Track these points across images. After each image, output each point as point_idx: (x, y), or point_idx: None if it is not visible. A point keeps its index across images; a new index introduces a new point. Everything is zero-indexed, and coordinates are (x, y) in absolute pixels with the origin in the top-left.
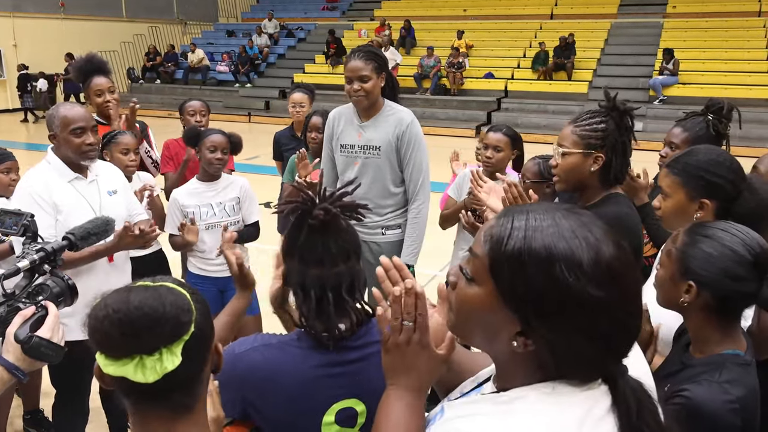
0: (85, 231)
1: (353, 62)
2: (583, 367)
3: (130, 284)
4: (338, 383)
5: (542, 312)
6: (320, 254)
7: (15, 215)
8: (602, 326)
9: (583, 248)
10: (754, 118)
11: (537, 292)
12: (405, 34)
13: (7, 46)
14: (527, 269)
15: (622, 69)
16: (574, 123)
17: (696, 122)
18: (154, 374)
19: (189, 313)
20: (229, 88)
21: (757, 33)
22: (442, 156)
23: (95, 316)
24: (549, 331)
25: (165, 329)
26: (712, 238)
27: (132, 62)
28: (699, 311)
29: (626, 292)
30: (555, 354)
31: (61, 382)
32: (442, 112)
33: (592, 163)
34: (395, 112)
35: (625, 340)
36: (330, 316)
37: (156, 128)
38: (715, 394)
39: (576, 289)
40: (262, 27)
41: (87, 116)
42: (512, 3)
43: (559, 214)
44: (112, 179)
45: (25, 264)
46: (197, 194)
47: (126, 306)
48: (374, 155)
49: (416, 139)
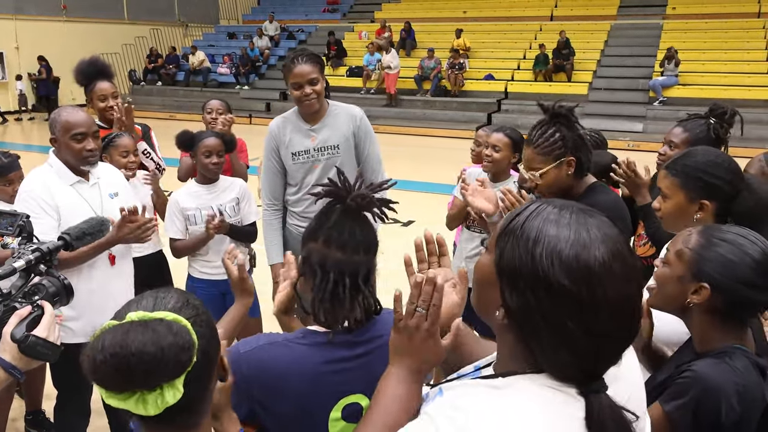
0: (80, 231)
1: (300, 67)
2: (558, 367)
3: (129, 315)
4: (344, 379)
5: (516, 286)
6: (346, 239)
7: (10, 216)
8: (570, 326)
9: (570, 241)
10: (754, 119)
11: (515, 266)
12: (405, 36)
13: (9, 49)
14: (517, 243)
15: (621, 70)
16: (532, 145)
17: (697, 124)
18: (155, 408)
19: (189, 350)
20: (230, 89)
21: (756, 34)
22: (443, 157)
23: (93, 358)
24: (521, 310)
25: (164, 372)
26: (731, 243)
27: (133, 64)
28: (704, 313)
29: (600, 300)
30: (531, 341)
31: (63, 383)
32: (442, 114)
33: (567, 168)
34: (343, 109)
35: (595, 354)
36: (343, 301)
37: (157, 130)
38: (724, 371)
39: (547, 275)
40: (263, 29)
41: (89, 122)
42: (512, 5)
43: (573, 209)
44: (113, 182)
45: (21, 264)
46: (197, 197)
47: (123, 351)
48: (334, 154)
49: (370, 131)
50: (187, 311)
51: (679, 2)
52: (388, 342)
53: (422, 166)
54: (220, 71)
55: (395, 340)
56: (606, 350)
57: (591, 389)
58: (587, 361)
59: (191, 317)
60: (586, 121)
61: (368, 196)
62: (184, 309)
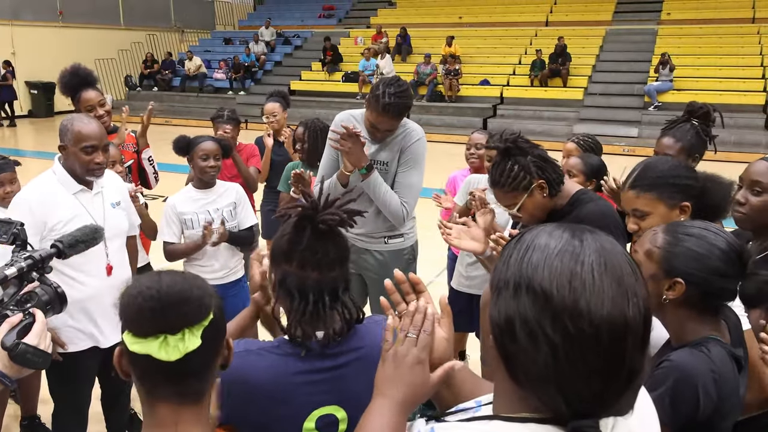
0: (73, 239)
1: (385, 121)
2: (541, 399)
3: (158, 270)
4: (319, 390)
5: (501, 292)
6: (320, 259)
7: (5, 224)
8: (548, 330)
9: (558, 247)
10: (748, 124)
11: (503, 273)
12: (401, 41)
13: (6, 54)
14: (509, 254)
15: (616, 75)
16: (498, 187)
17: (684, 130)
18: (177, 353)
19: (212, 297)
20: (225, 95)
21: (751, 39)
22: (438, 162)
23: (128, 293)
24: (503, 317)
25: (191, 308)
26: (698, 237)
27: (129, 70)
28: (679, 307)
29: (582, 306)
30: (509, 357)
31: (59, 394)
32: (437, 119)
33: (540, 192)
34: (404, 128)
35: (578, 377)
36: (323, 318)
37: (153, 135)
38: (700, 359)
39: (529, 275)
40: (259, 35)
41: (101, 134)
42: (507, 10)
43: (572, 227)
44: (115, 191)
45: (13, 272)
46: (194, 201)
47: (158, 284)
48: (382, 170)
49: (417, 155)
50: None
51: (674, 8)
52: (366, 355)
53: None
54: (216, 77)
55: (381, 370)
56: (594, 377)
57: (573, 426)
58: (571, 388)
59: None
60: (581, 126)
61: (338, 215)
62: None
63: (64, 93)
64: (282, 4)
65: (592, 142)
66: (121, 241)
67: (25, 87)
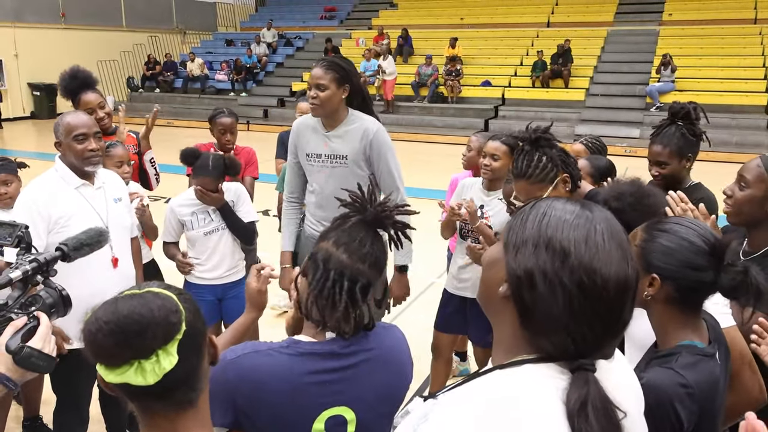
0: (78, 242)
1: (314, 70)
2: (553, 340)
3: (117, 295)
4: (328, 391)
5: (523, 251)
6: (355, 246)
7: (9, 226)
8: (566, 280)
9: (574, 214)
10: (750, 125)
11: (523, 236)
12: (402, 42)
13: (9, 56)
14: (525, 218)
15: (618, 76)
16: (524, 178)
17: (671, 133)
18: (154, 376)
19: (178, 313)
20: (227, 96)
21: (752, 40)
22: (440, 163)
23: (88, 330)
24: (525, 273)
25: (157, 333)
26: (669, 232)
27: (132, 71)
28: (661, 304)
29: (594, 262)
30: (529, 312)
31: (61, 390)
32: (439, 120)
33: (564, 186)
34: (360, 122)
35: (588, 325)
36: (337, 305)
37: (154, 136)
38: (670, 377)
39: (552, 237)
40: (261, 36)
41: (89, 123)
42: (509, 11)
43: (581, 202)
44: (117, 187)
45: (17, 275)
46: (193, 202)
47: (115, 316)
48: (342, 164)
49: (383, 145)
50: (171, 289)
51: (675, 8)
52: (376, 357)
53: (419, 172)
54: (218, 78)
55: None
56: (599, 324)
57: (579, 365)
58: (581, 332)
59: (175, 294)
60: (583, 127)
61: (388, 210)
62: (168, 288)
63: (64, 96)
64: (284, 6)
65: (600, 144)
66: (126, 235)
67: (28, 88)
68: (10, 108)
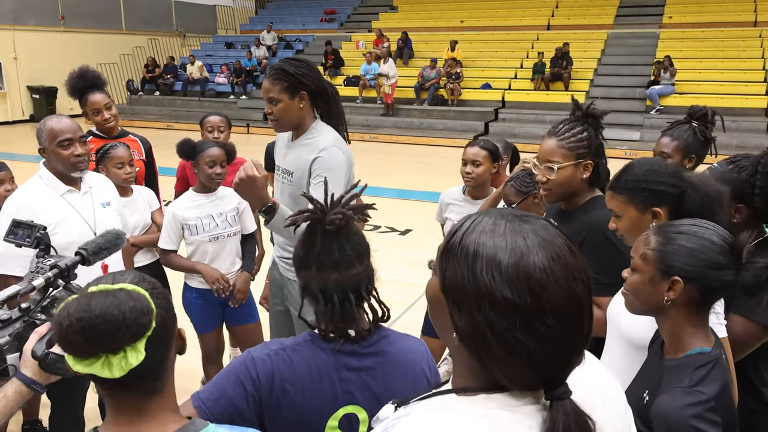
0: (97, 246)
1: (263, 82)
2: (517, 380)
3: (91, 288)
4: (347, 387)
5: (462, 306)
6: (337, 258)
7: (28, 227)
8: (520, 337)
9: (507, 251)
10: (751, 128)
11: (458, 285)
12: (402, 45)
13: (8, 59)
14: (457, 261)
15: (618, 79)
16: (557, 137)
17: (682, 130)
18: (120, 370)
19: (148, 314)
20: (227, 99)
21: (752, 43)
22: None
23: (59, 324)
24: (471, 329)
25: (127, 333)
26: (688, 234)
27: (131, 74)
28: (680, 308)
29: (546, 305)
30: (485, 360)
31: (56, 395)
32: (439, 123)
33: (583, 171)
34: (316, 137)
35: (551, 360)
36: (353, 317)
37: (155, 140)
38: (683, 401)
39: (490, 289)
40: (261, 39)
41: (74, 127)
42: (509, 14)
43: (508, 218)
44: (104, 191)
45: (41, 282)
46: (198, 206)
47: (88, 314)
48: (287, 182)
49: (326, 169)
50: (144, 285)
51: (675, 11)
52: (393, 360)
53: (419, 175)
54: (217, 81)
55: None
56: (561, 354)
57: (554, 396)
58: (544, 369)
59: (148, 290)
60: None
61: (344, 215)
62: (141, 283)
63: (72, 95)
64: (284, 9)
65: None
66: None
67: (27, 91)
68: (9, 111)
